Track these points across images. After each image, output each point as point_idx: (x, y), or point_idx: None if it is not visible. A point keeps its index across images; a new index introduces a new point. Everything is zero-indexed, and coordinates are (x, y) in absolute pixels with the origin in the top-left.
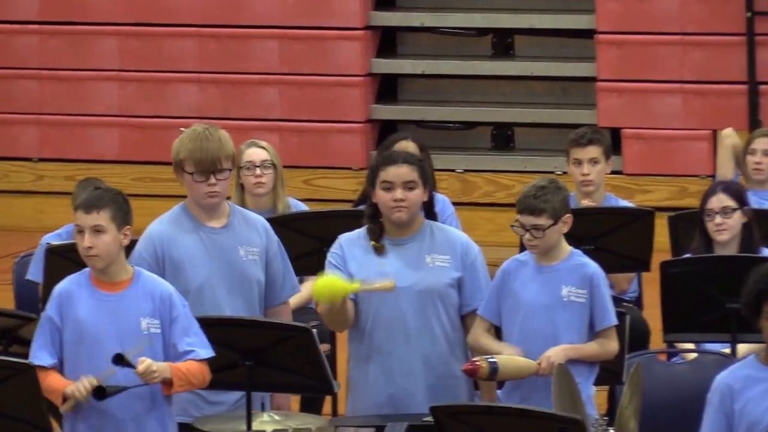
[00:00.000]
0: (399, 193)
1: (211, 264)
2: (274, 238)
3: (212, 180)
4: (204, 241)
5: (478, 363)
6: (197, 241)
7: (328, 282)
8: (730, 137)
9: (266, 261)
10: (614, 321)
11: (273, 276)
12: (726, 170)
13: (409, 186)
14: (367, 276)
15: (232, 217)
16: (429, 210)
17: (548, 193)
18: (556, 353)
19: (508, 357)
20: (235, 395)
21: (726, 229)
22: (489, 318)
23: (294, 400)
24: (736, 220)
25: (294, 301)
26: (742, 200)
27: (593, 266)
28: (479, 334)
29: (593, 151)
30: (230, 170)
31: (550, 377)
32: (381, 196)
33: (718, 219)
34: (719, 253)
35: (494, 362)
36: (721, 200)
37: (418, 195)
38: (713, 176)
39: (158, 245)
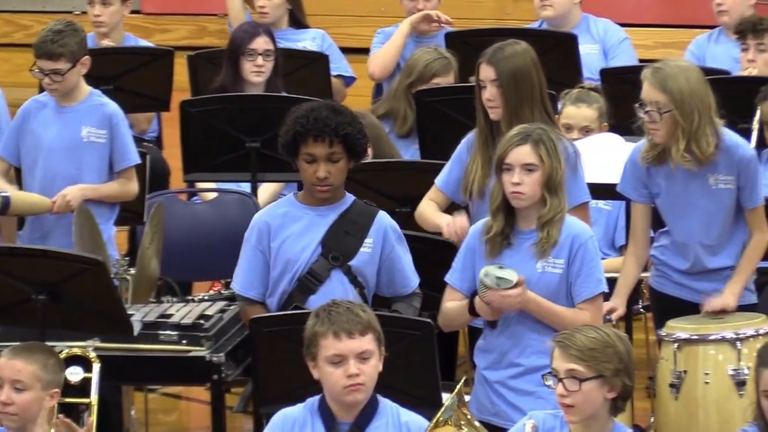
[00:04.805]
0: None
1: None
2: None
3: None
4: None
5: None
6: None
7: None
8: None
9: None
10: (135, 161)
11: None
12: (238, 12)
13: None
14: None
15: None
16: None
17: (65, 36)
18: (72, 192)
19: (23, 192)
20: None
21: (264, 71)
22: (6, 158)
23: None
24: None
25: None
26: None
27: (113, 106)
28: None
29: None
30: None
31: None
32: None
33: (260, 60)
34: (248, 91)
35: (6, 197)
36: (267, 42)
37: None
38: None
39: None
